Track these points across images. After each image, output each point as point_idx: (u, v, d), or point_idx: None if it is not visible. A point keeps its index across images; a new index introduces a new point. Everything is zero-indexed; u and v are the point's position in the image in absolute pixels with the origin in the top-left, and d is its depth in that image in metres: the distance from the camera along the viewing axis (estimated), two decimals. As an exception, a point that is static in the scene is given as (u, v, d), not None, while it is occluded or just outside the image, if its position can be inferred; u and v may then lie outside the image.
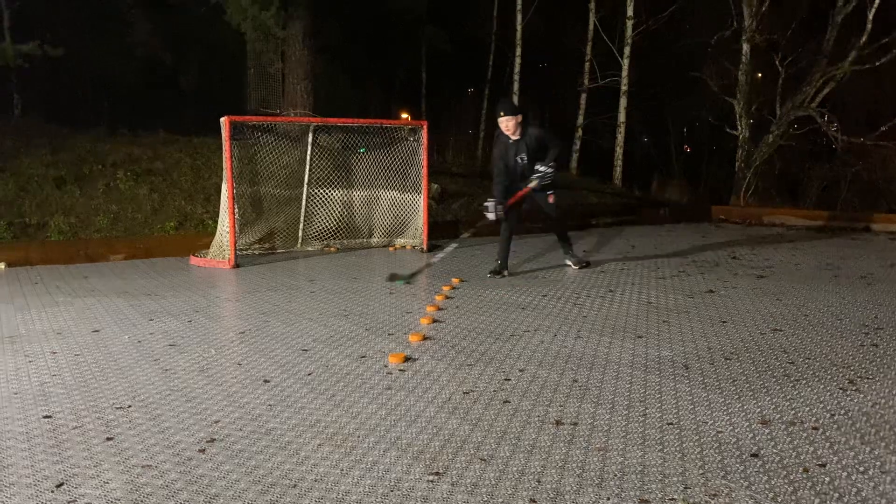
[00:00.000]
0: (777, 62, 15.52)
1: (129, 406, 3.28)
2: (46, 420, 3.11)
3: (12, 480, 2.52)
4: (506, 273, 6.73)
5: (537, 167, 6.41)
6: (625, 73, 16.67)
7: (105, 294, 6.13)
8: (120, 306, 5.59)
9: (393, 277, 6.45)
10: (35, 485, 2.48)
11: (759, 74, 16.61)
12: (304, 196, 8.99)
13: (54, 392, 3.50)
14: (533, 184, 6.44)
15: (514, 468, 2.57)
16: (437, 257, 7.42)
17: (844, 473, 2.49)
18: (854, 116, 16.57)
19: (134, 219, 9.13)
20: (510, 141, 6.46)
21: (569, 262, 7.13)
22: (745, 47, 15.19)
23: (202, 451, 2.76)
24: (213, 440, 2.86)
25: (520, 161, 6.48)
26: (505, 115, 6.40)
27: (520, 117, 6.41)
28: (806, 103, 14.98)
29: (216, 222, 8.46)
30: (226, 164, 7.62)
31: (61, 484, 2.49)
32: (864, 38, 14.08)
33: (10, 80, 15.61)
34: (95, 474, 2.56)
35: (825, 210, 13.30)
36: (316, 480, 2.49)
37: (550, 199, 6.71)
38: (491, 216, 6.45)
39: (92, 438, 2.90)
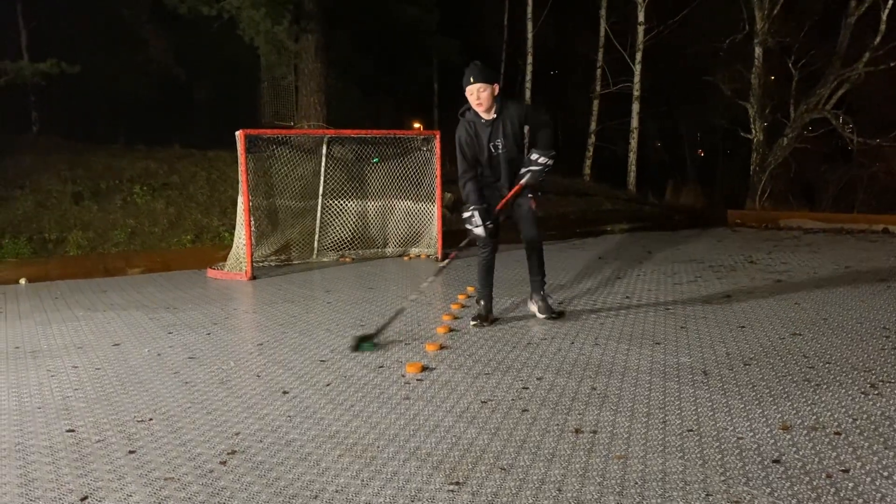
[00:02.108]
0: (790, 65, 15.46)
1: (151, 419, 3.31)
2: (70, 434, 3.15)
3: (38, 494, 2.55)
4: (492, 318, 5.13)
5: (532, 156, 4.72)
6: (637, 78, 16.67)
7: (124, 308, 6.19)
8: (139, 320, 5.64)
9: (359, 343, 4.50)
10: (60, 498, 2.51)
11: (773, 77, 16.54)
12: (319, 207, 9.04)
13: (77, 406, 3.54)
14: (525, 179, 4.73)
15: (534, 477, 2.57)
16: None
17: (868, 479, 2.47)
18: (870, 118, 16.45)
19: (151, 233, 9.22)
20: (482, 121, 4.71)
21: (534, 307, 5.23)
22: (758, 50, 15.15)
23: (223, 463, 2.78)
24: (233, 452, 2.88)
25: (494, 150, 4.74)
26: (476, 81, 4.61)
27: (496, 87, 4.65)
28: (820, 105, 14.90)
29: (233, 235, 8.53)
30: (241, 176, 7.68)
31: (85, 497, 2.51)
32: (877, 39, 14.00)
33: (28, 97, 15.84)
34: (119, 487, 2.59)
35: (842, 212, 13.20)
36: (337, 491, 2.50)
37: (532, 205, 4.91)
38: (478, 230, 4.73)
39: (115, 452, 2.92)
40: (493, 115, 4.70)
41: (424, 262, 8.70)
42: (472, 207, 4.72)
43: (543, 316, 5.12)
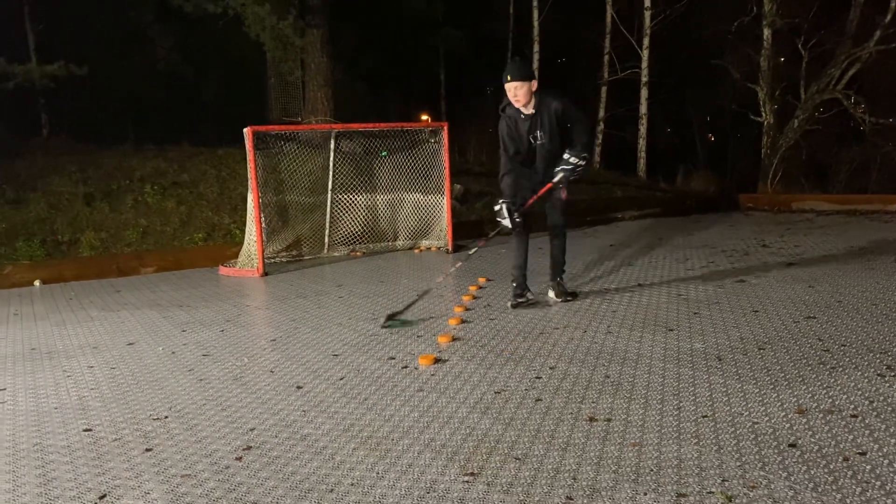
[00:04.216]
0: (799, 46, 15.30)
1: (166, 417, 3.33)
2: (87, 433, 3.17)
3: (57, 493, 2.57)
4: (530, 296, 5.33)
5: (565, 156, 4.93)
6: (644, 64, 16.55)
7: (138, 307, 6.23)
8: (153, 318, 5.68)
9: (389, 318, 5.00)
10: (78, 497, 2.53)
11: (782, 59, 16.38)
12: (329, 202, 9.05)
13: (93, 405, 3.57)
14: (558, 178, 4.97)
15: (549, 466, 2.57)
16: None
17: (886, 461, 2.45)
18: (882, 97, 16.25)
19: (163, 232, 9.27)
20: (521, 115, 4.98)
21: (550, 292, 5.43)
22: (766, 32, 14.99)
23: (239, 458, 2.79)
24: (249, 448, 2.89)
25: (534, 141, 4.99)
26: (513, 80, 4.85)
27: (534, 84, 4.90)
28: (831, 86, 14.73)
29: (243, 232, 8.55)
30: (251, 174, 7.70)
31: (104, 496, 2.53)
32: (888, 17, 13.82)
33: (37, 100, 15.92)
34: (136, 485, 2.61)
35: (855, 193, 13.07)
36: (352, 484, 2.51)
37: (563, 195, 5.17)
38: (506, 223, 4.98)
39: (132, 450, 2.95)
40: (531, 110, 4.93)
41: (435, 254, 8.70)
42: (502, 201, 5.01)
43: (559, 300, 5.31)
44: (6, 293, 7.40)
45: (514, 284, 5.33)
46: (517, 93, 4.89)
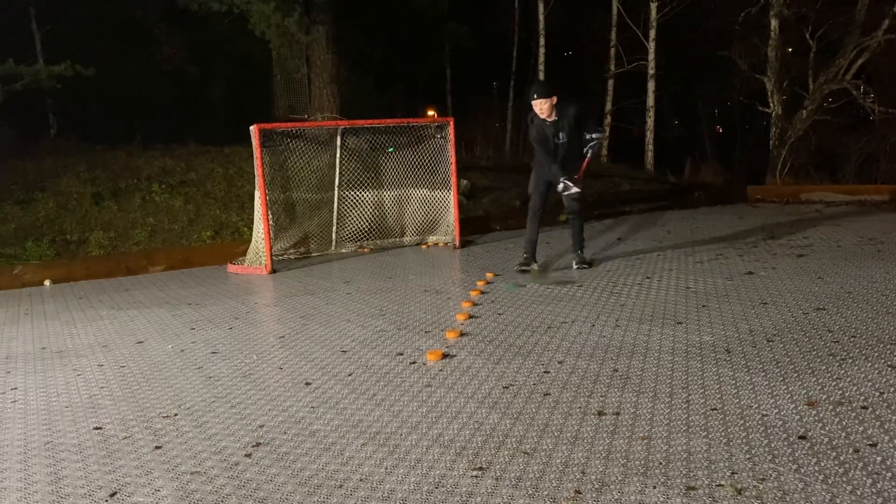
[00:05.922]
0: (807, 36, 15.18)
1: (176, 414, 3.35)
2: (97, 431, 3.19)
3: (68, 491, 2.59)
4: (535, 266, 6.57)
5: (587, 136, 6.28)
6: (651, 56, 16.47)
7: (147, 305, 6.25)
8: (162, 317, 5.70)
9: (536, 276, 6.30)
10: (89, 495, 2.55)
11: (790, 49, 16.26)
12: (336, 199, 9.05)
13: (103, 403, 3.59)
14: (591, 152, 6.31)
15: (558, 460, 2.56)
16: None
17: (897, 452, 2.44)
18: (891, 86, 16.10)
19: (171, 230, 9.29)
20: (546, 123, 6.23)
21: (574, 264, 6.60)
22: (774, 23, 14.88)
23: (248, 455, 2.80)
24: (258, 444, 2.90)
25: (557, 141, 6.28)
26: (539, 97, 6.15)
27: (554, 99, 6.17)
28: (840, 76, 14.62)
29: (251, 230, 8.56)
30: (257, 171, 7.71)
31: (114, 493, 2.55)
32: (897, 6, 13.69)
33: (45, 101, 15.99)
34: (147, 482, 2.62)
35: (865, 184, 12.97)
36: (361, 480, 2.52)
37: (578, 188, 6.45)
38: (575, 190, 6.26)
39: (141, 447, 2.96)
40: (554, 118, 6.21)
41: (442, 250, 8.69)
42: (564, 177, 6.22)
43: (576, 266, 6.51)
44: (17, 293, 7.44)
45: (525, 255, 6.59)
46: (542, 107, 6.14)
